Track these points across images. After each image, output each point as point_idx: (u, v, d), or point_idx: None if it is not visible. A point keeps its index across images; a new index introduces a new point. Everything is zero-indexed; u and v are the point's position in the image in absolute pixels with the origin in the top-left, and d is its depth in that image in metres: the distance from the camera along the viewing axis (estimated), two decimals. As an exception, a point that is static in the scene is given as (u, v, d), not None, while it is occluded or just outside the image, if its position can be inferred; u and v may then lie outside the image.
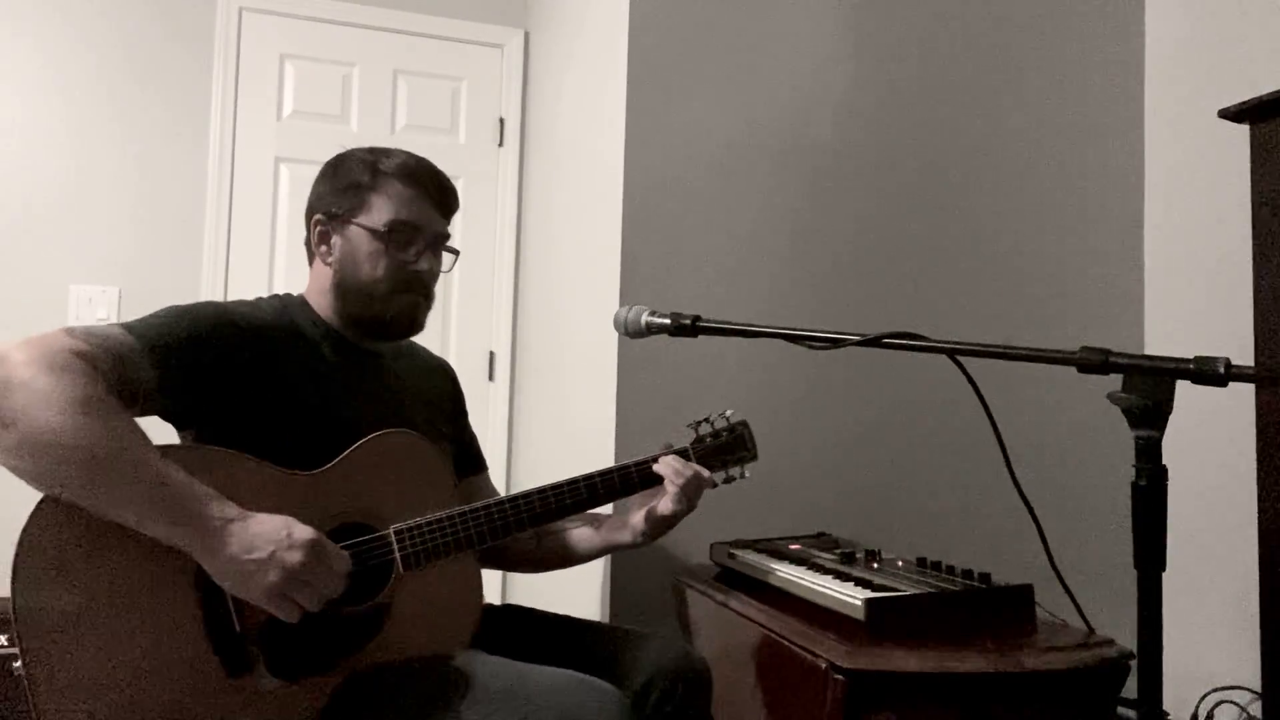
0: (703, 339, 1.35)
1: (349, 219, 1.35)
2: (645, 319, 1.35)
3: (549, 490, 1.34)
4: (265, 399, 1.22)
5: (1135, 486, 0.89)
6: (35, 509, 1.05)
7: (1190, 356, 0.86)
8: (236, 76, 2.73)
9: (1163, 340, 2.21)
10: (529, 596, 2.20)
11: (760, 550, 1.60)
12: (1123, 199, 2.27)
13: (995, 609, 1.31)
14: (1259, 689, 1.65)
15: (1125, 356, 0.90)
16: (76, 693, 1.04)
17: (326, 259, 1.37)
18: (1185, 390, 0.86)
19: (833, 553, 1.55)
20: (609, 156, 1.97)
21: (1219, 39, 2.12)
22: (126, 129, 2.65)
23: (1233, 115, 1.65)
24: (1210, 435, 1.98)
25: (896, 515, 2.01)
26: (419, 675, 1.18)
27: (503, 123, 2.94)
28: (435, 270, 1.39)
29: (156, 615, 1.08)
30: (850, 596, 1.27)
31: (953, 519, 2.05)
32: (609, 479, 1.39)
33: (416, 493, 1.27)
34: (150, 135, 2.67)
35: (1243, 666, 1.89)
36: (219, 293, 2.65)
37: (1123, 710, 1.32)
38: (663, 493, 1.39)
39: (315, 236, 1.38)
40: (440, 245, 1.40)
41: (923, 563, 1.46)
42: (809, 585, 1.37)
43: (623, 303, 1.74)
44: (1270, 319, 1.58)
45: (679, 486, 1.37)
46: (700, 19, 1.96)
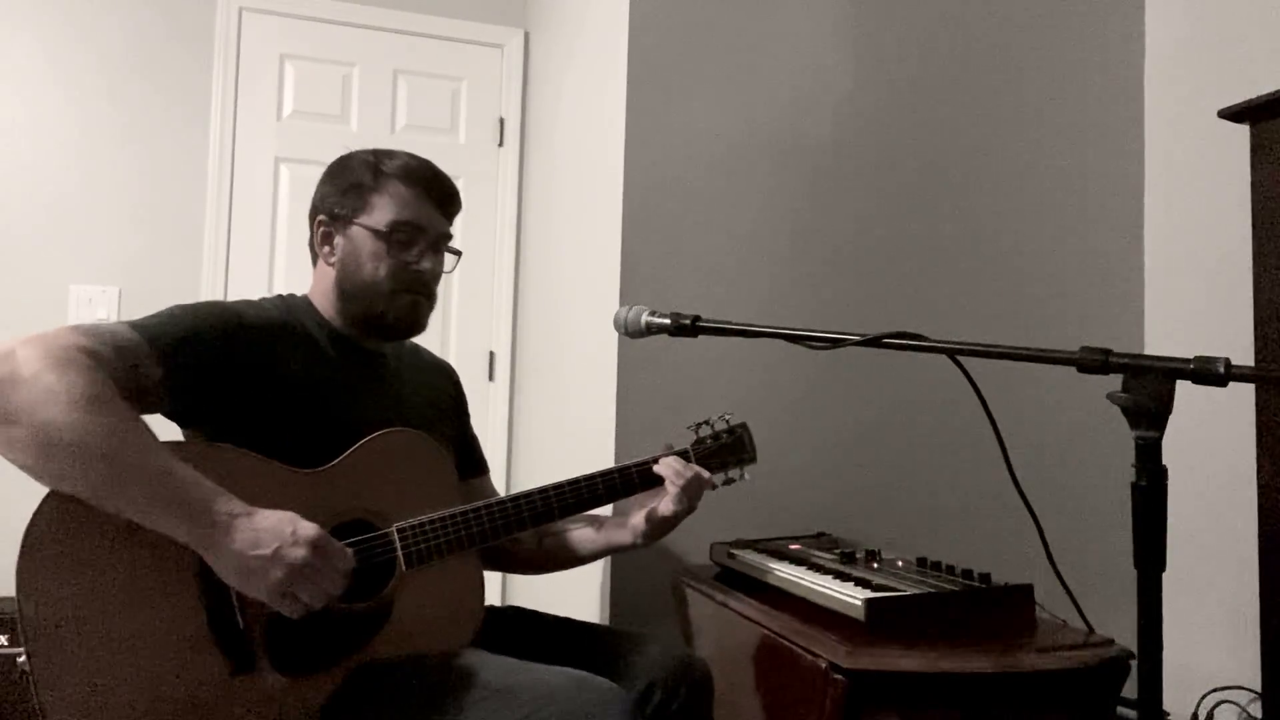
0: (703, 339, 1.35)
1: (351, 219, 1.35)
2: (645, 319, 1.35)
3: (550, 490, 1.35)
4: (269, 398, 1.22)
5: (1135, 486, 0.89)
6: (40, 504, 1.05)
7: (1190, 356, 0.86)
8: (236, 76, 2.73)
9: (1163, 340, 2.21)
10: (529, 597, 2.20)
11: (760, 550, 1.60)
12: (1123, 199, 2.27)
13: (995, 609, 1.31)
14: (1259, 689, 1.65)
15: (1125, 356, 0.90)
16: (80, 688, 1.04)
17: (329, 259, 1.37)
18: (1185, 390, 0.86)
19: (833, 553, 1.55)
20: (609, 156, 1.97)
21: (1219, 39, 2.12)
22: (126, 129, 2.66)
23: (1233, 115, 1.66)
24: (1210, 435, 1.98)
25: (896, 515, 2.01)
26: (422, 673, 1.18)
27: (503, 123, 2.94)
28: (437, 270, 1.40)
29: (160, 611, 1.09)
30: (850, 596, 1.27)
31: (953, 519, 2.05)
32: (610, 479, 1.39)
33: (419, 491, 1.27)
34: (150, 135, 2.67)
35: (1243, 666, 1.89)
36: (219, 293, 2.65)
37: (1123, 710, 1.32)
38: (663, 493, 1.39)
39: (318, 237, 1.39)
40: (442, 246, 1.41)
41: (923, 563, 1.46)
42: (809, 585, 1.37)
43: (623, 303, 1.74)
44: (1270, 319, 1.59)
45: (680, 487, 1.37)
46: (700, 19, 1.96)
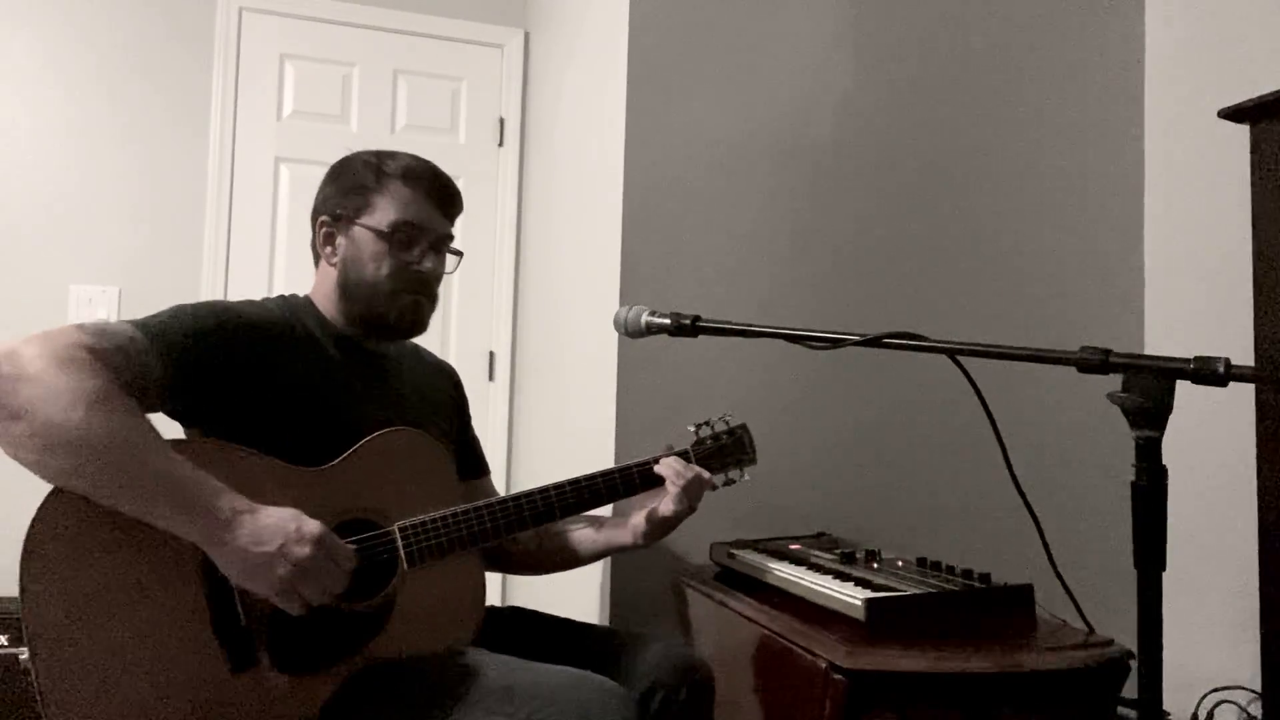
0: (703, 339, 1.35)
1: (353, 220, 1.36)
2: (645, 319, 1.35)
3: (551, 489, 1.35)
4: (271, 397, 1.23)
5: (1135, 486, 0.89)
6: (44, 501, 1.06)
7: (1190, 356, 0.86)
8: (236, 76, 2.73)
9: (1163, 340, 2.21)
10: (529, 597, 2.20)
11: (760, 550, 1.60)
12: (1123, 199, 2.27)
13: (995, 609, 1.31)
14: (1259, 689, 1.65)
15: (1125, 356, 0.90)
16: (82, 683, 1.05)
17: (331, 260, 1.38)
18: (1185, 390, 0.86)
19: (833, 553, 1.55)
20: (609, 156, 1.97)
21: (1219, 39, 2.12)
22: (126, 129, 2.65)
23: (1233, 115, 1.66)
24: (1210, 435, 1.98)
25: (896, 515, 2.01)
26: (424, 672, 1.18)
27: (503, 123, 2.94)
28: (438, 271, 1.40)
29: (163, 608, 1.09)
30: (850, 596, 1.27)
31: (953, 519, 2.05)
32: (611, 479, 1.40)
33: (421, 490, 1.28)
34: (150, 135, 2.67)
35: (1243, 666, 1.89)
36: (219, 293, 2.65)
37: (1123, 710, 1.32)
38: (664, 494, 1.39)
39: (320, 238, 1.39)
40: (444, 246, 1.41)
41: (923, 563, 1.46)
42: (809, 585, 1.37)
43: (623, 303, 1.74)
44: (1270, 319, 1.59)
45: (680, 487, 1.38)
46: (700, 19, 1.96)
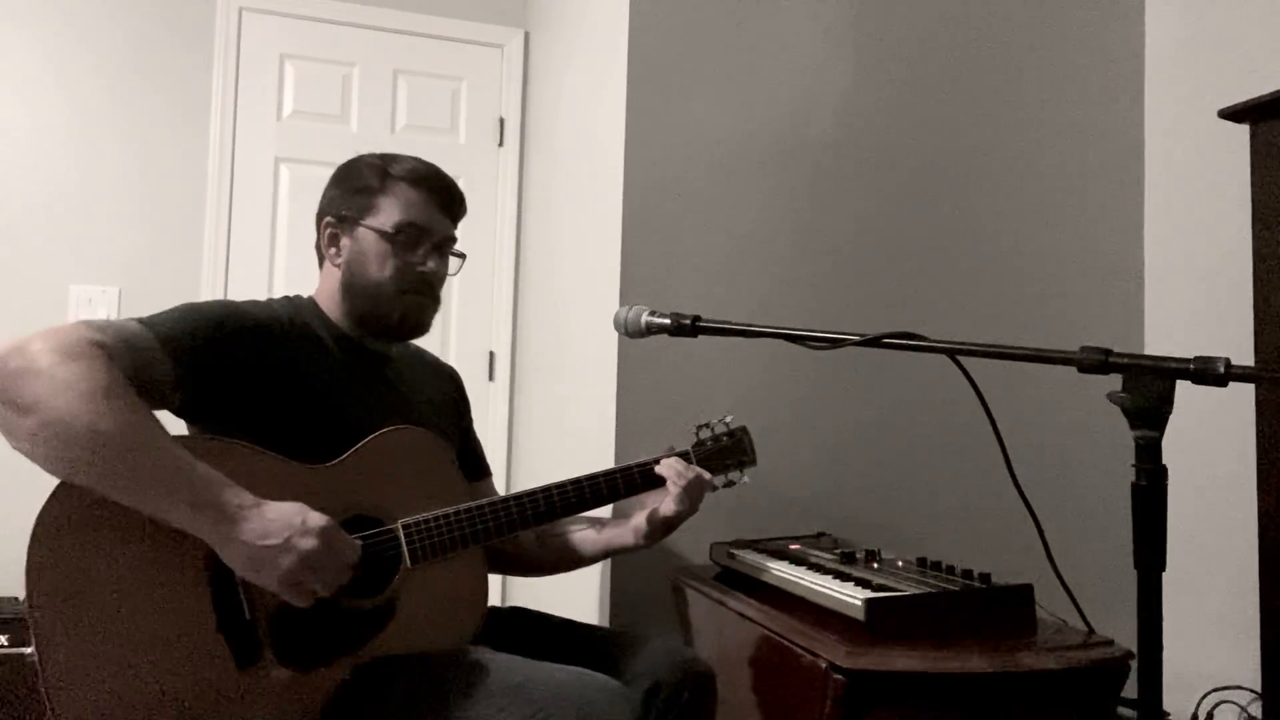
0: (703, 339, 1.35)
1: (358, 221, 1.37)
2: (645, 319, 1.35)
3: (553, 489, 1.36)
4: (274, 396, 1.24)
5: (1135, 486, 0.89)
6: (52, 495, 1.07)
7: (1190, 356, 0.86)
8: (236, 76, 2.73)
9: (1163, 340, 2.21)
10: (530, 597, 2.20)
11: (760, 550, 1.60)
12: (1123, 199, 2.27)
13: (995, 609, 1.31)
14: (1259, 689, 1.65)
15: (1125, 356, 0.90)
16: (86, 676, 1.05)
17: (335, 260, 1.39)
18: (1185, 390, 0.86)
19: (833, 553, 1.55)
20: (609, 157, 1.97)
21: (1219, 39, 2.12)
22: (126, 129, 2.65)
23: (1233, 115, 1.66)
24: (1210, 435, 1.98)
25: (896, 515, 2.01)
26: (432, 668, 1.19)
27: (503, 123, 2.94)
28: (441, 272, 1.41)
29: (167, 602, 1.10)
30: (850, 596, 1.27)
31: (953, 519, 2.05)
32: (612, 479, 1.40)
33: (424, 488, 1.29)
34: (150, 135, 2.67)
35: (1243, 666, 1.89)
36: (219, 293, 2.65)
37: (1123, 710, 1.32)
38: (665, 494, 1.40)
39: (325, 239, 1.40)
40: (447, 248, 1.43)
41: (923, 563, 1.46)
42: (809, 585, 1.37)
43: (623, 303, 1.74)
44: (1270, 319, 1.59)
45: (681, 488, 1.39)
46: (700, 19, 1.96)
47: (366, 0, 2.83)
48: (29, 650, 1.04)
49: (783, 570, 1.45)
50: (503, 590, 2.63)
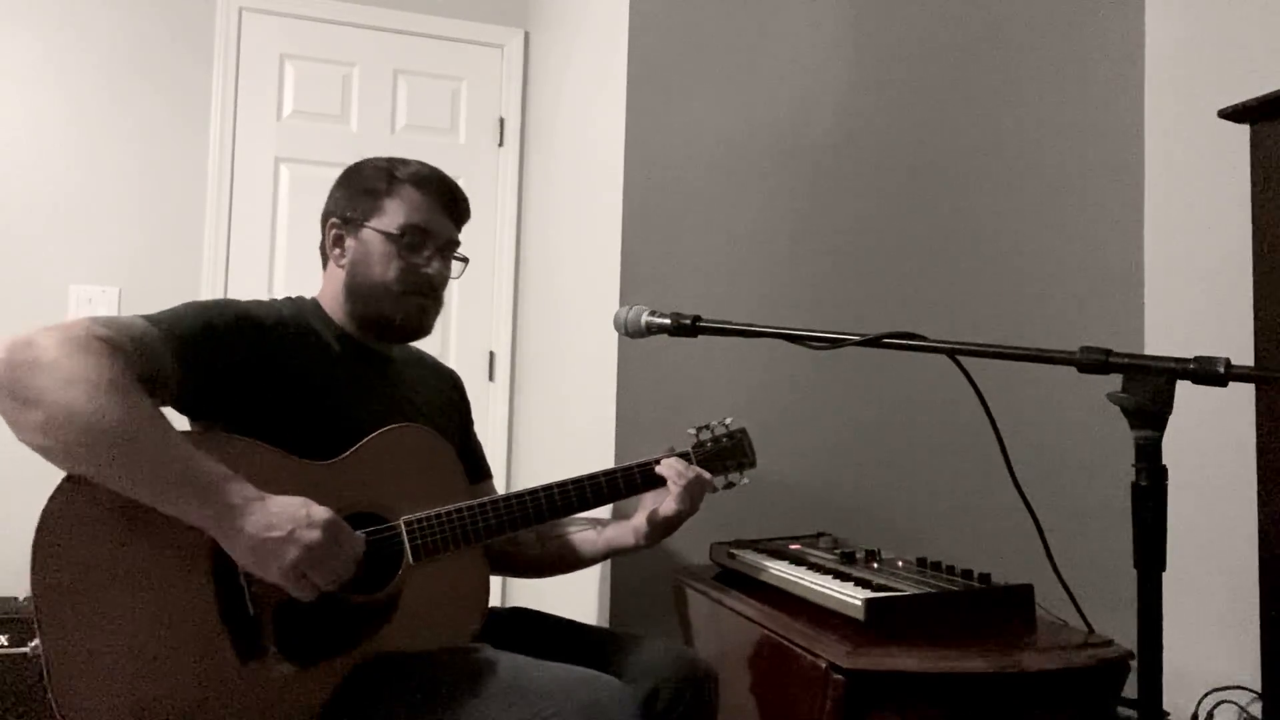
0: (703, 339, 1.35)
1: (363, 222, 1.38)
2: (645, 319, 1.35)
3: (555, 487, 1.36)
4: (277, 394, 1.24)
5: (1135, 486, 0.89)
6: (58, 487, 1.07)
7: (1190, 356, 0.86)
8: (236, 76, 2.73)
9: (1163, 340, 2.21)
10: (531, 596, 2.20)
11: (760, 550, 1.60)
12: (1123, 199, 2.27)
13: (995, 609, 1.31)
14: (1259, 689, 1.65)
15: (1125, 356, 0.90)
16: (90, 669, 1.06)
17: (340, 261, 1.40)
18: (1185, 390, 0.86)
19: (833, 553, 1.55)
20: (609, 156, 1.97)
21: (1219, 39, 2.12)
22: (127, 129, 2.65)
23: (1233, 115, 1.66)
24: (1210, 435, 1.98)
25: (896, 515, 2.01)
26: (436, 665, 1.19)
27: (503, 123, 2.94)
28: (444, 275, 1.43)
29: (171, 596, 1.11)
30: (850, 596, 1.27)
31: (953, 519, 2.05)
32: (613, 478, 1.41)
33: (427, 486, 1.29)
34: (150, 135, 2.67)
35: (1243, 666, 1.89)
36: (219, 293, 2.65)
37: (1123, 710, 1.32)
38: (665, 494, 1.41)
39: (330, 240, 1.42)
40: (450, 252, 1.44)
41: (923, 563, 1.46)
42: (809, 585, 1.37)
43: (623, 303, 1.74)
44: (1270, 319, 1.59)
45: (682, 487, 1.40)
46: (700, 19, 1.96)
47: (366, 0, 2.83)
48: (30, 650, 1.04)
49: (783, 570, 1.45)
50: (503, 590, 2.63)
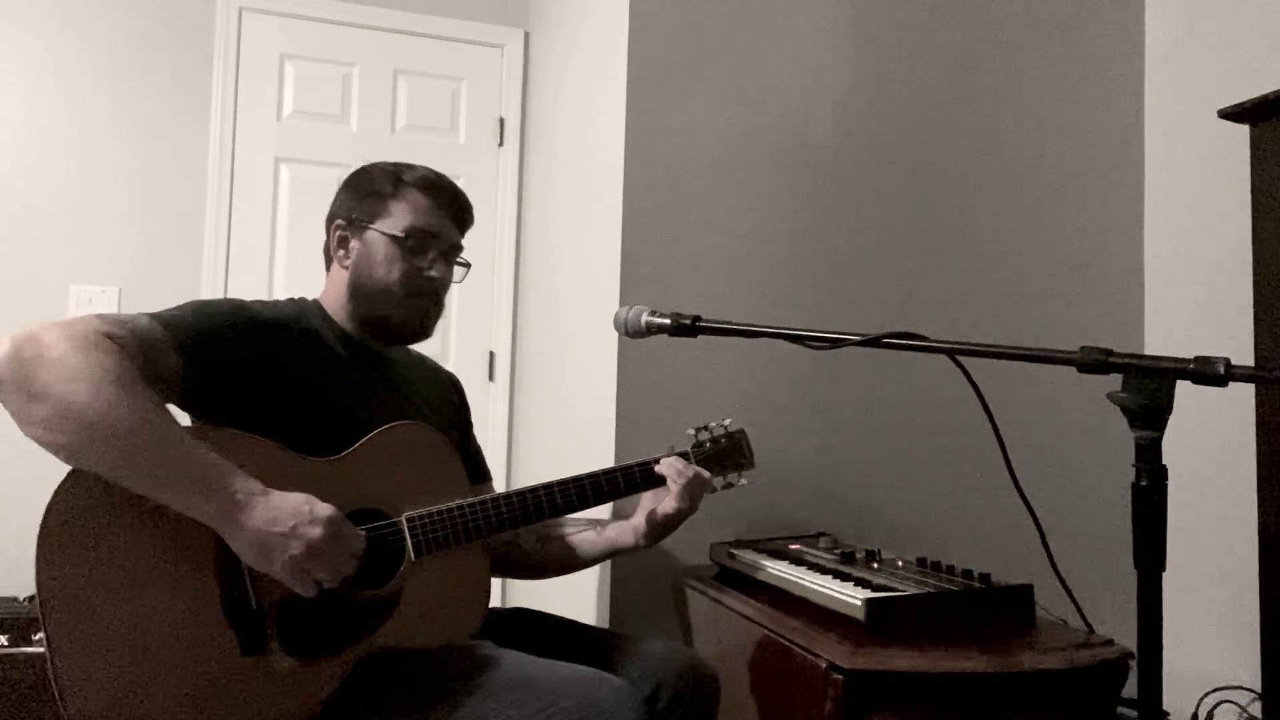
0: (703, 339, 1.35)
1: (368, 224, 1.40)
2: (645, 319, 1.35)
3: (555, 486, 1.37)
4: (279, 394, 1.25)
5: (1135, 486, 0.89)
6: (62, 482, 1.08)
7: (1190, 356, 0.86)
8: (236, 76, 2.73)
9: (1163, 340, 2.21)
10: (531, 597, 2.20)
11: (760, 550, 1.60)
12: (1123, 199, 2.27)
13: (995, 609, 1.31)
14: (1259, 689, 1.65)
15: (1125, 356, 0.90)
16: (94, 662, 1.07)
17: (344, 263, 1.41)
18: (1185, 390, 0.86)
19: (833, 553, 1.55)
20: (609, 156, 1.97)
21: (1219, 39, 2.12)
22: (127, 129, 2.65)
23: (1233, 115, 1.65)
24: (1210, 435, 1.98)
25: (896, 515, 2.01)
26: (440, 661, 1.20)
27: (503, 123, 2.94)
28: (447, 279, 1.44)
29: (175, 590, 1.11)
30: (850, 596, 1.27)
31: (953, 519, 2.05)
32: (613, 477, 1.41)
33: (428, 483, 1.30)
34: (150, 135, 2.67)
35: (1243, 666, 1.89)
36: (219, 293, 2.65)
37: (1123, 710, 1.32)
38: (665, 493, 1.42)
39: (334, 241, 1.43)
40: (453, 256, 1.46)
41: (923, 563, 1.46)
42: (809, 585, 1.37)
43: (623, 303, 1.74)
44: (1270, 319, 1.59)
45: (682, 485, 1.40)
46: (700, 19, 1.96)
47: (366, 0, 2.83)
48: (30, 650, 1.05)
49: (783, 570, 1.45)
50: (503, 590, 2.63)
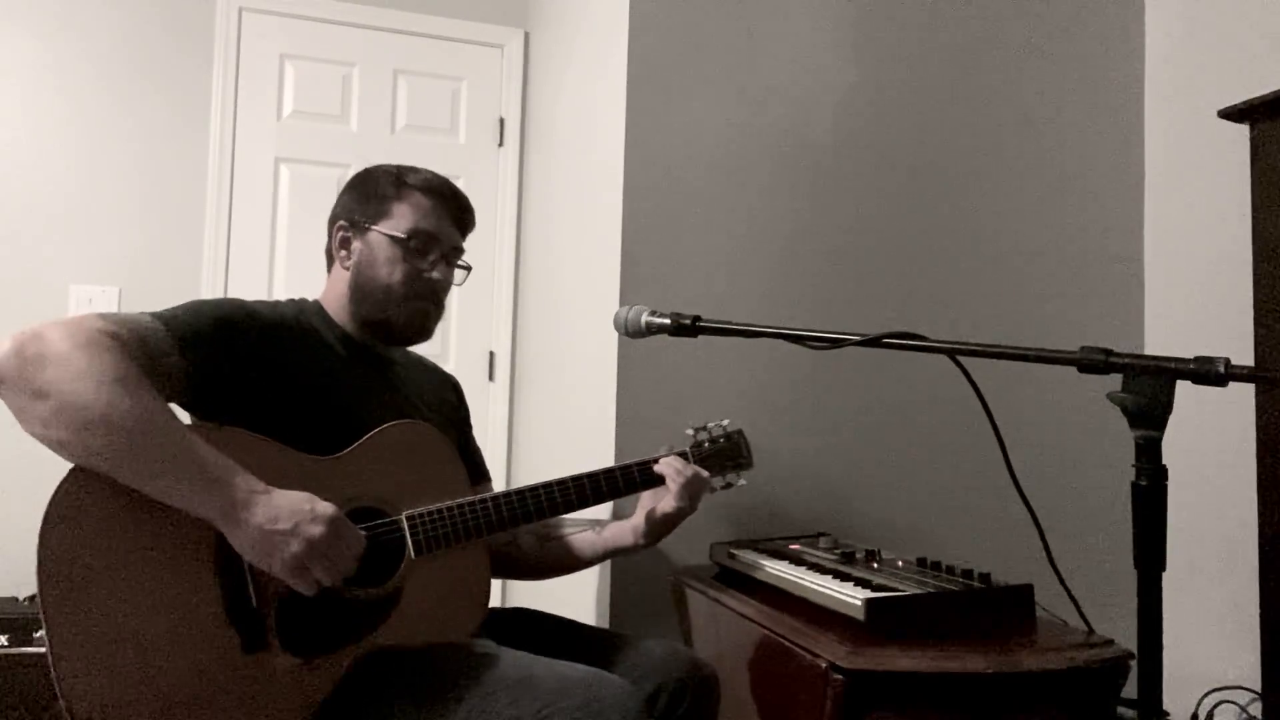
0: (703, 339, 1.35)
1: (371, 225, 1.40)
2: (645, 319, 1.35)
3: (555, 484, 1.37)
4: (280, 394, 1.25)
5: (1135, 486, 0.89)
6: (64, 479, 1.09)
7: (1190, 356, 0.86)
8: (236, 76, 2.73)
9: (1163, 340, 2.21)
10: (532, 596, 2.20)
11: (760, 550, 1.60)
12: (1123, 199, 2.27)
13: (995, 609, 1.31)
14: (1259, 689, 1.65)
15: (1125, 356, 0.90)
16: (95, 659, 1.07)
17: (345, 263, 1.42)
18: (1185, 390, 0.86)
19: (833, 553, 1.55)
20: (609, 156, 1.97)
21: (1219, 39, 2.12)
22: (127, 129, 2.66)
23: (1233, 115, 1.66)
24: (1210, 435, 1.98)
25: (896, 515, 2.01)
26: (441, 660, 1.20)
27: (503, 123, 2.94)
28: (448, 281, 1.45)
29: (176, 587, 1.11)
30: (850, 596, 1.27)
31: (953, 519, 2.05)
32: (612, 476, 1.41)
33: (428, 481, 1.30)
34: (150, 135, 2.67)
35: (1243, 666, 1.89)
36: (219, 292, 2.65)
37: (1123, 710, 1.32)
38: (664, 493, 1.42)
39: (336, 242, 1.43)
40: (455, 259, 1.46)
41: (923, 563, 1.46)
42: (809, 585, 1.37)
43: (623, 303, 1.74)
44: (1270, 319, 1.59)
45: (681, 484, 1.40)
46: (700, 19, 1.96)
47: (366, 0, 2.83)
48: (31, 650, 1.05)
49: (783, 570, 1.45)
50: (503, 591, 2.63)
